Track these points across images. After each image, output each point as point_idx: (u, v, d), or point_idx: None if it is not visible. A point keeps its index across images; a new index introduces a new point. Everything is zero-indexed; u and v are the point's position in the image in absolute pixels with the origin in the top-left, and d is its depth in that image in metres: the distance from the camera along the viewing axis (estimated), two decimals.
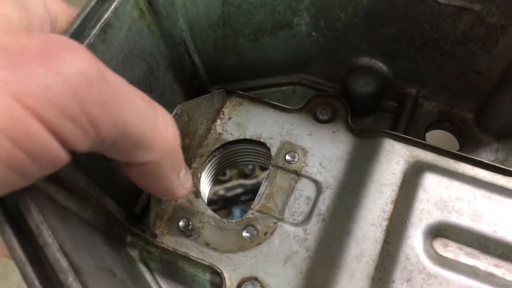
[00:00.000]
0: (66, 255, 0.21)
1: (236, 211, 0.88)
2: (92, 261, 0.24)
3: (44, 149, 0.17)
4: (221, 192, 0.90)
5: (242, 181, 0.89)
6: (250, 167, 0.88)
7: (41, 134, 0.16)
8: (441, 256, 0.29)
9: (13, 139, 0.16)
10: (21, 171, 0.17)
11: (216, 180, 0.89)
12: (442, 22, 0.31)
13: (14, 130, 0.16)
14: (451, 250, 0.29)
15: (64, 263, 0.20)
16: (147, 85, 0.32)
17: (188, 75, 0.36)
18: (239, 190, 0.89)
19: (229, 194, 0.89)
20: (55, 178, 0.25)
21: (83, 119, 0.17)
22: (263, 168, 0.88)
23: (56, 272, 0.20)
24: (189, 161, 0.35)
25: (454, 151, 0.32)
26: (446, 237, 0.29)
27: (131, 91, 0.21)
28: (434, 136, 0.37)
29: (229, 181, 0.89)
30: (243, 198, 0.89)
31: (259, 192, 0.33)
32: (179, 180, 0.26)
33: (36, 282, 0.20)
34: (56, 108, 0.16)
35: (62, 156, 0.18)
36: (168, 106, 0.33)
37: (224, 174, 0.88)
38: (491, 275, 0.28)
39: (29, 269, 0.20)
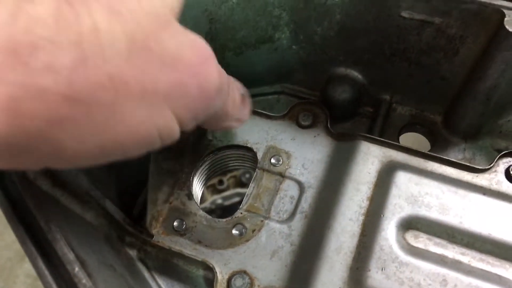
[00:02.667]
0: (72, 249, 0.24)
1: None
2: (94, 256, 0.27)
3: (174, 136, 0.22)
4: (219, 201, 0.91)
5: (239, 190, 0.91)
6: (247, 175, 0.90)
7: (176, 128, 0.21)
8: (412, 246, 0.32)
9: (160, 135, 0.21)
10: (151, 147, 0.21)
11: (214, 190, 0.91)
12: (407, 34, 0.34)
13: (164, 130, 0.21)
14: (421, 241, 0.32)
15: (70, 256, 0.23)
16: None
17: None
18: (236, 199, 0.91)
19: (227, 203, 0.91)
20: (60, 183, 0.28)
21: (201, 117, 0.23)
22: None
23: (64, 264, 0.23)
24: (182, 166, 0.37)
25: (423, 151, 0.35)
26: (417, 229, 0.32)
27: (235, 89, 0.28)
28: (408, 137, 0.40)
29: (227, 190, 0.91)
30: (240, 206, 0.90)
31: (246, 193, 0.36)
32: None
33: (46, 273, 0.22)
34: (192, 114, 0.22)
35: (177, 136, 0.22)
36: None
37: (222, 183, 0.91)
38: (458, 262, 0.31)
39: (40, 262, 0.23)
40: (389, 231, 0.32)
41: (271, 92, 0.43)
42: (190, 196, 0.36)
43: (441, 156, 0.34)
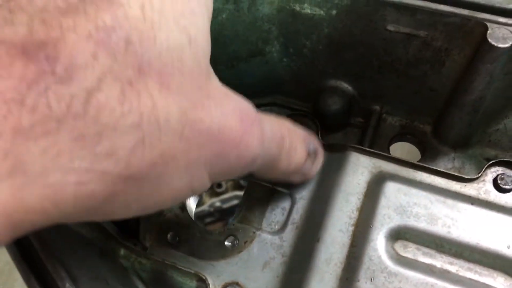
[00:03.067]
0: (64, 266, 0.24)
1: (233, 222, 0.91)
2: (88, 272, 0.27)
3: (205, 190, 0.23)
4: (217, 204, 0.92)
5: (237, 193, 0.92)
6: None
7: (208, 185, 0.23)
8: (401, 256, 0.32)
9: (194, 192, 0.22)
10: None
11: (212, 192, 0.91)
12: (394, 47, 0.35)
13: (198, 188, 0.22)
14: (410, 251, 0.32)
15: (63, 273, 0.24)
16: None
17: None
18: (235, 202, 0.91)
19: (225, 205, 0.91)
20: None
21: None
22: None
23: (55, 280, 0.24)
24: None
25: (413, 162, 0.36)
26: (406, 239, 0.33)
27: (297, 147, 0.29)
28: (398, 147, 0.40)
29: (225, 193, 0.92)
30: (238, 210, 0.91)
31: (238, 205, 0.37)
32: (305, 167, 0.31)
33: None
34: (226, 176, 0.24)
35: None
36: None
37: (220, 186, 0.91)
38: (446, 271, 0.31)
39: (32, 279, 0.23)
40: (378, 241, 0.32)
41: (263, 104, 0.43)
42: (183, 208, 0.37)
43: (430, 166, 0.35)
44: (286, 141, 0.28)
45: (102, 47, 0.16)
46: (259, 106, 0.44)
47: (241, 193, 0.91)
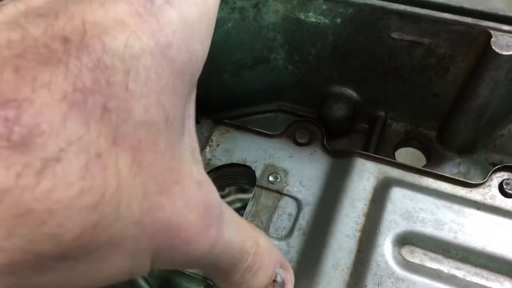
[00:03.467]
0: None
1: None
2: None
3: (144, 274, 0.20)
4: None
5: (240, 196, 0.92)
6: (244, 181, 0.91)
7: (148, 270, 0.20)
8: (408, 261, 0.32)
9: (132, 275, 0.19)
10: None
11: None
12: (398, 54, 0.35)
13: (138, 273, 0.19)
14: (417, 256, 0.33)
15: None
16: None
17: None
18: (237, 205, 0.92)
19: None
20: None
21: None
22: None
23: None
24: None
25: (418, 167, 0.36)
26: (412, 244, 0.33)
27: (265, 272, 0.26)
28: (403, 152, 0.41)
29: (228, 196, 0.92)
30: (241, 212, 0.91)
31: (245, 211, 0.37)
32: None
33: None
34: (160, 266, 0.20)
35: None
36: None
37: (223, 189, 0.91)
38: (453, 277, 0.31)
39: None
40: (385, 247, 0.32)
41: (268, 110, 0.44)
42: None
43: (436, 172, 0.35)
44: (248, 258, 0.25)
45: (76, 112, 0.14)
46: (264, 112, 0.44)
47: (244, 195, 0.92)
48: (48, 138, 0.14)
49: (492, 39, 0.30)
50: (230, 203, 0.91)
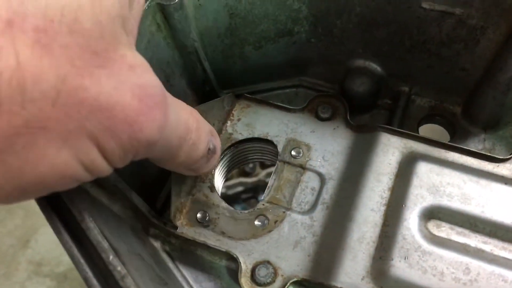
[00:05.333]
0: (105, 238, 0.24)
1: (237, 209, 0.91)
2: (124, 246, 0.27)
3: (104, 171, 0.21)
4: (223, 190, 0.92)
5: (242, 179, 0.92)
6: (251, 165, 0.91)
7: (104, 165, 0.20)
8: (435, 235, 0.32)
9: (89, 171, 0.20)
10: (80, 180, 0.21)
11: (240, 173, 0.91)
12: (428, 25, 0.34)
13: (92, 167, 0.20)
14: (443, 230, 0.32)
15: (105, 244, 0.24)
16: None
17: (200, 81, 0.40)
18: (239, 188, 0.91)
19: (230, 192, 0.91)
20: None
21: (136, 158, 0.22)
22: (263, 167, 0.91)
23: (98, 252, 0.24)
24: None
25: (444, 142, 0.35)
26: (439, 218, 0.33)
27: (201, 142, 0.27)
28: (427, 129, 0.40)
29: (230, 179, 0.92)
30: (243, 196, 0.91)
31: (268, 185, 0.37)
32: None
33: (82, 261, 0.23)
34: (120, 158, 0.21)
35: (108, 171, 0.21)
36: None
37: (245, 164, 0.91)
38: (480, 251, 0.31)
39: (75, 250, 0.23)
40: (411, 220, 0.32)
41: (289, 85, 0.43)
42: (212, 188, 0.37)
43: (462, 147, 0.35)
44: (192, 135, 0.26)
45: None
46: (285, 88, 0.43)
47: (246, 179, 0.91)
48: None
49: None
50: (232, 187, 0.90)
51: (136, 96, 0.19)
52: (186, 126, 0.25)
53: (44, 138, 0.17)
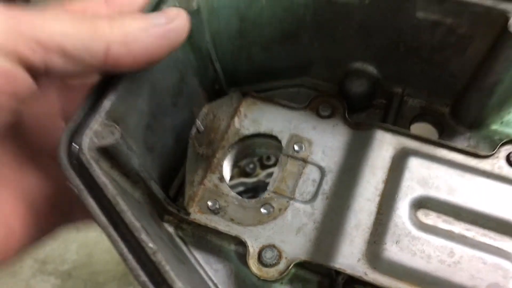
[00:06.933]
0: (137, 219, 0.27)
1: None
2: (150, 228, 0.30)
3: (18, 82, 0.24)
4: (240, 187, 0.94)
5: (243, 180, 0.95)
6: (252, 166, 0.94)
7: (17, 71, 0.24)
8: (423, 223, 0.36)
9: None
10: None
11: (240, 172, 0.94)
12: (421, 33, 0.37)
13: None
14: (431, 218, 0.36)
15: (137, 224, 0.27)
16: (179, 89, 0.38)
17: (210, 80, 0.43)
18: (240, 188, 0.94)
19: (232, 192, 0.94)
20: (116, 164, 0.31)
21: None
22: (263, 167, 0.94)
23: (131, 231, 0.27)
24: (213, 152, 0.41)
25: (433, 139, 0.39)
26: (427, 208, 0.36)
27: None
28: (418, 127, 0.44)
29: (231, 179, 0.95)
30: (244, 195, 0.94)
31: (273, 177, 0.40)
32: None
33: (118, 239, 0.26)
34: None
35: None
36: (195, 106, 0.40)
37: (251, 156, 0.93)
38: (464, 237, 0.35)
39: (111, 230, 0.26)
40: (402, 209, 0.36)
41: (291, 85, 0.46)
42: (222, 179, 0.40)
43: (449, 144, 0.38)
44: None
45: None
46: (287, 87, 0.47)
47: (246, 180, 0.94)
48: None
49: (509, 22, 0.33)
50: (233, 187, 0.93)
51: None
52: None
53: None
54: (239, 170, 0.94)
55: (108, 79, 0.31)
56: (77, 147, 0.29)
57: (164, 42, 0.29)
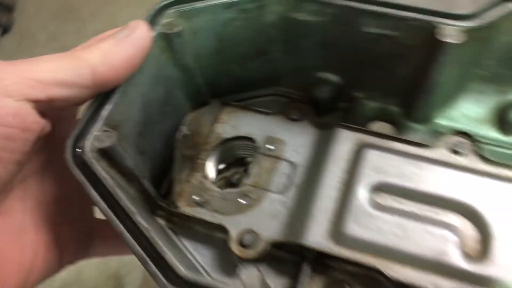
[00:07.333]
0: (132, 205, 0.33)
1: None
2: (146, 216, 0.36)
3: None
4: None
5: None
6: (237, 176, 1.00)
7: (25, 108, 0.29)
8: (379, 204, 0.41)
9: None
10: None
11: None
12: (372, 45, 0.44)
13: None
14: (386, 200, 0.41)
15: (132, 208, 0.33)
16: (167, 101, 0.45)
17: (194, 92, 0.49)
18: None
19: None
20: (113, 163, 0.37)
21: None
22: None
23: (128, 214, 0.32)
24: (198, 154, 0.47)
25: (387, 134, 0.45)
26: (383, 191, 0.42)
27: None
28: (377, 126, 0.50)
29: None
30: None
31: (248, 172, 0.46)
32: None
33: (116, 220, 0.32)
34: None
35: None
36: (182, 116, 0.46)
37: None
38: (413, 213, 0.40)
39: (111, 214, 0.32)
40: (361, 193, 0.41)
41: (266, 94, 0.53)
42: (205, 176, 0.46)
43: (400, 137, 0.44)
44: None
45: None
46: (262, 96, 0.53)
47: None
48: None
49: (439, 31, 0.40)
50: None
51: None
52: None
53: None
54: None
55: (105, 94, 0.37)
56: (81, 149, 0.35)
57: (136, 50, 0.33)
